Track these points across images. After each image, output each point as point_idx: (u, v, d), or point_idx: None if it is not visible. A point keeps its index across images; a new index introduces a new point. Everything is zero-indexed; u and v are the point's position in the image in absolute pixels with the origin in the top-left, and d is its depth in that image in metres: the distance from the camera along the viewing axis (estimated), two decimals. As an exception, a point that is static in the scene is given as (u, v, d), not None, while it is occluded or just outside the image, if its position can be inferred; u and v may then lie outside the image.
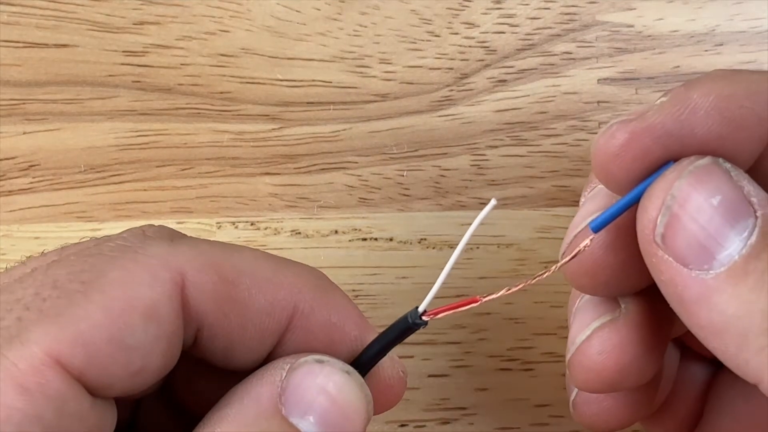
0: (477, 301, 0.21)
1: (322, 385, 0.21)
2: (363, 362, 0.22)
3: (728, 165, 0.20)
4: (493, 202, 0.20)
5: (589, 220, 0.21)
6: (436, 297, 0.21)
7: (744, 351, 0.19)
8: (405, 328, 0.22)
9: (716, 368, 0.27)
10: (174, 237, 0.23)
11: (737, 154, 0.20)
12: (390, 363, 0.23)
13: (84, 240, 0.22)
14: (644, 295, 0.23)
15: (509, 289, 0.21)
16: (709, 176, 0.20)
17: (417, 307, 0.22)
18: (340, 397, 0.21)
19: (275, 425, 0.20)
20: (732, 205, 0.19)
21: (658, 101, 0.21)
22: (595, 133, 0.33)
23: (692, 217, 0.19)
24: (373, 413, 0.22)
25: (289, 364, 0.21)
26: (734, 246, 0.19)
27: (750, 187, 0.19)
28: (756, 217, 0.19)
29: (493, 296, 0.21)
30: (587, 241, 0.21)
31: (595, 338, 0.23)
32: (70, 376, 0.19)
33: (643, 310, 0.23)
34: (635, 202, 0.21)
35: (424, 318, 0.21)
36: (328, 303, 0.23)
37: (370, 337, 0.23)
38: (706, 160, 0.20)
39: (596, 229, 0.21)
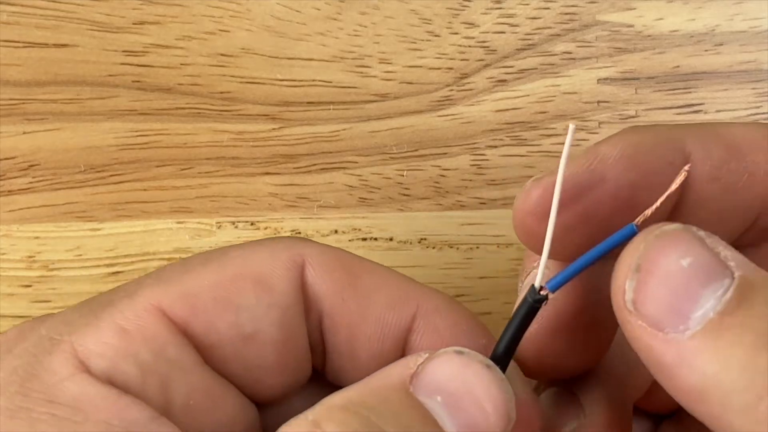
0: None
1: (457, 371, 0.20)
2: (497, 358, 0.21)
3: (702, 233, 0.19)
4: (572, 126, 0.20)
5: (546, 282, 0.21)
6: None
7: (728, 412, 0.18)
8: (528, 309, 0.21)
9: (657, 424, 0.27)
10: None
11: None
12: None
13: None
14: (603, 394, 0.23)
15: None
16: (677, 239, 0.19)
17: (533, 285, 0.21)
18: (477, 386, 0.20)
19: (397, 397, 0.20)
20: (705, 268, 0.19)
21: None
22: (596, 134, 0.33)
23: (661, 279, 0.19)
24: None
25: (428, 353, 0.21)
26: (709, 304, 0.18)
27: (727, 252, 0.19)
28: (733, 278, 0.18)
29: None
30: (545, 296, 0.21)
31: None
32: (173, 324, 0.21)
33: (605, 410, 0.23)
34: (591, 263, 0.20)
35: (542, 293, 0.21)
36: (452, 309, 0.23)
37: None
38: (674, 226, 0.19)
39: (554, 289, 0.21)
